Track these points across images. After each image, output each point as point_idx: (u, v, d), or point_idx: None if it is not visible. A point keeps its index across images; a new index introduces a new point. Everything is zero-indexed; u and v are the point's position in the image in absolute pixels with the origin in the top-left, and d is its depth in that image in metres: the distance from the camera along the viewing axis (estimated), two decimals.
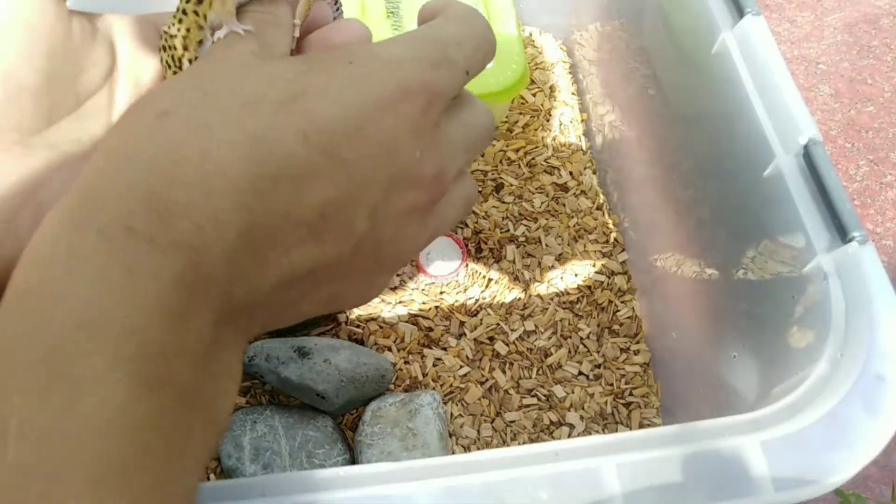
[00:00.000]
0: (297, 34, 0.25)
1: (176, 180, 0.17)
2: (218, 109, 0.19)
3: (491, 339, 0.68)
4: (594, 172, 0.79)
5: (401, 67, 0.21)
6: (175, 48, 0.22)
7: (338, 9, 0.28)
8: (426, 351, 0.67)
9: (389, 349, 0.67)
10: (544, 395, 0.65)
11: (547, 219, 0.75)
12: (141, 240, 0.17)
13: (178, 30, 0.22)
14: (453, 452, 0.62)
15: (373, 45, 0.22)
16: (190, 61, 0.22)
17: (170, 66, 0.22)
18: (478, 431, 0.64)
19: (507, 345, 0.68)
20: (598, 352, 0.68)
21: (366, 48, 0.21)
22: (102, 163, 0.18)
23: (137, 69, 0.25)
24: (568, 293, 0.71)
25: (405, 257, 0.23)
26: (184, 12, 0.22)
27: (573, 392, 0.66)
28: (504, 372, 0.67)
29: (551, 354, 0.68)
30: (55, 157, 0.23)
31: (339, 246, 0.20)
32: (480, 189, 0.77)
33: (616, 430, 0.64)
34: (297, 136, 0.19)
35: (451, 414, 0.64)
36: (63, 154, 0.23)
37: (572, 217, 0.76)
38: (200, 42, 0.23)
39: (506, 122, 0.81)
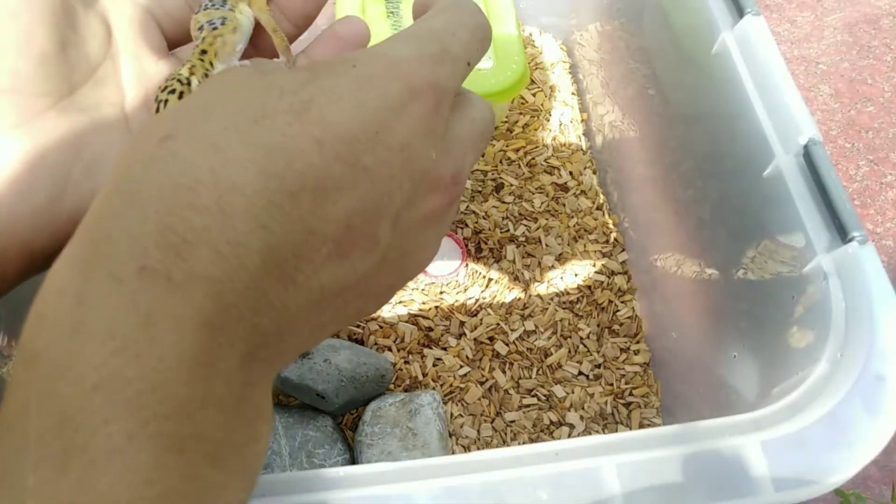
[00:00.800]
0: (287, 47, 0.27)
1: (189, 206, 0.16)
2: (225, 127, 0.17)
3: (491, 339, 0.68)
4: (594, 172, 0.79)
5: (404, 66, 0.20)
6: (190, 84, 0.24)
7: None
8: (426, 351, 0.67)
9: (389, 349, 0.67)
10: (544, 395, 0.65)
11: (547, 219, 0.75)
12: (157, 279, 0.15)
13: (190, 71, 0.24)
14: (453, 452, 0.62)
15: (373, 47, 0.21)
16: None
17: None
18: (478, 431, 0.64)
19: (507, 345, 0.68)
20: (598, 352, 0.68)
21: (366, 51, 0.21)
22: (107, 199, 0.17)
23: (133, 44, 0.26)
24: (568, 293, 0.71)
25: (425, 264, 0.23)
26: (192, 63, 0.24)
27: (573, 392, 0.66)
28: (504, 372, 0.67)
29: (551, 354, 0.68)
30: (89, 119, 0.24)
31: (365, 260, 0.19)
32: (480, 189, 0.77)
33: (616, 430, 0.64)
34: (314, 146, 0.18)
35: (451, 414, 0.64)
36: (93, 117, 0.24)
37: (572, 217, 0.76)
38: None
39: (506, 122, 0.81)
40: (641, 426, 0.65)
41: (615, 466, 0.31)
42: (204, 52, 0.25)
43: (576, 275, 0.72)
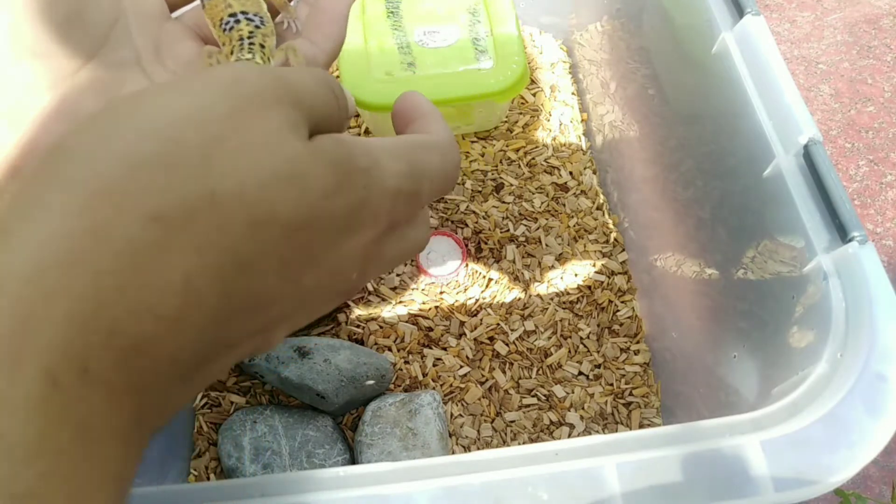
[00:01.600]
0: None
1: (150, 311, 0.15)
2: (221, 224, 0.16)
3: (491, 339, 0.68)
4: (594, 172, 0.79)
5: (384, 198, 0.19)
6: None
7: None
8: (426, 351, 0.67)
9: (389, 349, 0.67)
10: (544, 395, 0.65)
11: (547, 219, 0.75)
12: (97, 387, 0.14)
13: (261, 55, 0.26)
14: (453, 452, 0.62)
15: (374, 151, 0.20)
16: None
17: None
18: (478, 431, 0.64)
19: (507, 345, 0.68)
20: (598, 352, 0.68)
21: (370, 162, 0.19)
22: (50, 256, 0.14)
23: (138, 7, 0.27)
24: (568, 293, 0.71)
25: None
26: (254, 50, 0.27)
27: (573, 392, 0.66)
28: (504, 372, 0.67)
29: (551, 354, 0.68)
30: (115, 77, 0.25)
31: (246, 354, 0.19)
32: (480, 189, 0.77)
33: (616, 430, 0.64)
34: (280, 269, 0.17)
35: (451, 414, 0.64)
36: (118, 76, 0.26)
37: (572, 217, 0.76)
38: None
39: (506, 122, 0.81)
40: (641, 426, 0.65)
41: (615, 466, 0.31)
42: (262, 45, 0.27)
43: (576, 275, 0.72)
